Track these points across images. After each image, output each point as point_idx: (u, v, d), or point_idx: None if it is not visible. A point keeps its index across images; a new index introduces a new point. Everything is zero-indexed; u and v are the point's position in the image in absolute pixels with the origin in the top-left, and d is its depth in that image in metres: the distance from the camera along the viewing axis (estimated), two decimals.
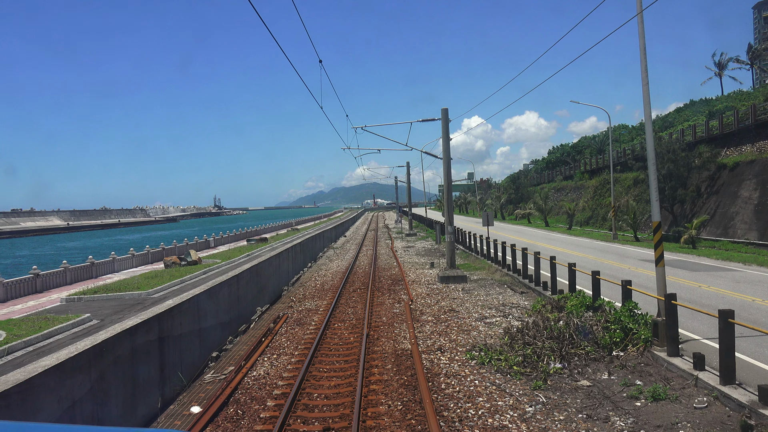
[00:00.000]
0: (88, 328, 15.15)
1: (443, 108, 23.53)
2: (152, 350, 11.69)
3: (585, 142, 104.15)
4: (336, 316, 17.79)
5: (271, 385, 11.08)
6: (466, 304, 18.66)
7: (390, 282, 24.70)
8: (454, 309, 17.80)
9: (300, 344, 14.31)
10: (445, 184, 23.78)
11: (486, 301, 19.04)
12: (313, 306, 19.94)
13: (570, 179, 73.05)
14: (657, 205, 11.66)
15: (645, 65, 11.53)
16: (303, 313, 18.75)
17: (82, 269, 37.64)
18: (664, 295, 11.22)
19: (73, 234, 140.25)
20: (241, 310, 18.67)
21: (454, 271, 23.42)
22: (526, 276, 21.96)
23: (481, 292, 20.74)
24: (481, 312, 17.15)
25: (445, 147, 23.48)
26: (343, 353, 13.23)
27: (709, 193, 39.96)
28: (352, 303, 20.04)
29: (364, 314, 17.40)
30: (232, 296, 17.76)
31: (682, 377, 10.07)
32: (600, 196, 58.84)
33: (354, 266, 32.05)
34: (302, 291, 23.91)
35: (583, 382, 10.32)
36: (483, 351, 12.42)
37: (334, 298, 20.85)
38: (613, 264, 25.32)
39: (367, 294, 20.99)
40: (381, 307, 18.83)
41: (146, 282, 31.72)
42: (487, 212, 29.21)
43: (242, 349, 14.56)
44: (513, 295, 19.85)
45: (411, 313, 17.21)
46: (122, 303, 23.90)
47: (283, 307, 20.26)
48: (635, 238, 40.64)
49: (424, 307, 18.37)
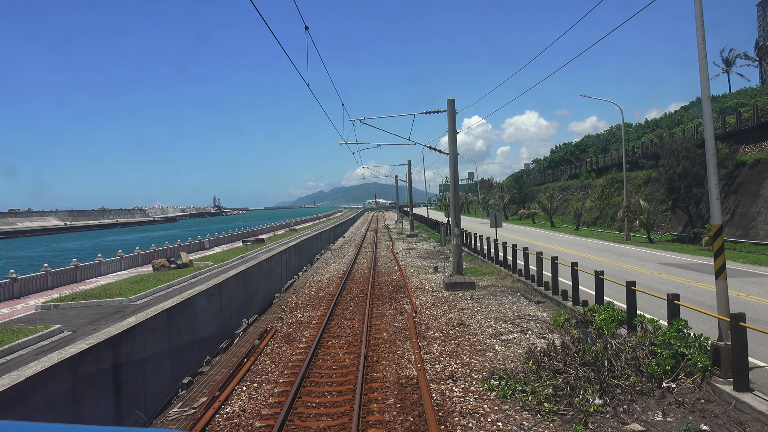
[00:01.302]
0: (58, 342, 13.08)
1: (449, 99, 21.45)
2: (103, 381, 9.63)
3: (588, 141, 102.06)
4: (330, 330, 15.72)
5: (246, 427, 9.00)
6: (477, 316, 16.59)
7: (391, 289, 22.62)
8: (464, 322, 15.72)
9: (286, 368, 12.24)
10: (452, 181, 21.70)
11: (499, 312, 16.97)
12: (305, 318, 17.86)
13: (575, 178, 70.95)
14: (717, 204, 9.57)
15: (702, 35, 9.46)
16: (293, 326, 16.68)
17: (66, 273, 35.54)
18: (728, 314, 9.17)
19: (70, 234, 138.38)
20: (224, 322, 16.61)
21: (462, 277, 21.35)
22: (541, 283, 19.91)
23: (492, 302, 18.68)
24: (495, 326, 15.08)
25: (452, 141, 21.40)
26: (336, 381, 11.17)
27: (726, 192, 37.85)
28: (348, 314, 17.97)
29: (362, 328, 15.34)
30: (214, 308, 15.70)
31: (760, 421, 8.02)
32: (608, 196, 56.76)
33: (352, 270, 29.97)
34: (295, 299, 21.84)
35: (633, 426, 8.25)
36: (503, 379, 10.36)
37: (329, 307, 18.80)
38: (632, 268, 23.27)
39: (366, 303, 18.94)
40: (381, 320, 16.76)
41: (129, 287, 29.65)
42: (495, 213, 27.14)
43: (220, 373, 12.50)
44: (528, 305, 17.79)
45: (415, 327, 15.14)
46: (100, 311, 22.23)
47: (273, 318, 18.19)
48: (648, 240, 38.58)
49: (430, 320, 16.29)
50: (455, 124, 21.56)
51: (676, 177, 37.48)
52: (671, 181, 37.93)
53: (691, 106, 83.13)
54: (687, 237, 38.87)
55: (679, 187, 37.39)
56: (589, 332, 12.68)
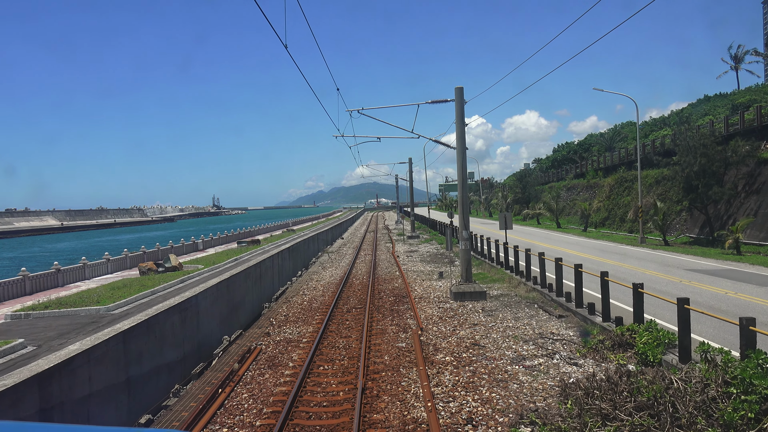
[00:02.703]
0: (17, 359, 10.89)
1: (457, 87, 19.27)
2: None
3: (592, 140, 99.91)
4: (322, 351, 13.54)
5: None
6: (493, 333, 14.40)
7: (392, 299, 20.44)
8: (479, 342, 13.54)
9: (267, 404, 10.06)
10: (460, 178, 19.52)
11: (517, 329, 14.79)
12: (295, 334, 15.65)
13: (581, 177, 68.71)
14: None
15: None
16: (281, 345, 14.48)
17: (46, 277, 33.29)
18: None
19: (67, 234, 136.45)
20: (201, 340, 14.41)
21: (471, 286, 19.17)
22: (561, 293, 17.74)
23: (508, 315, 16.50)
24: (515, 348, 12.90)
25: (460, 133, 19.22)
26: (327, 426, 8.98)
27: (747, 191, 35.68)
28: (344, 330, 15.79)
29: (359, 350, 13.17)
30: (188, 325, 13.52)
31: None
32: (616, 196, 54.56)
33: (350, 276, 27.79)
34: (286, 309, 19.66)
35: None
36: (536, 425, 8.21)
37: (322, 321, 16.64)
38: (657, 275, 21.10)
39: (365, 316, 16.77)
40: (382, 338, 14.59)
41: (110, 294, 27.45)
42: (505, 214, 24.93)
43: (188, 408, 10.31)
44: (549, 321, 15.61)
45: (422, 348, 12.95)
46: (74, 321, 20.47)
47: (259, 334, 16.01)
48: (664, 242, 36.39)
49: (439, 339, 14.10)
50: (464, 115, 19.38)
51: (693, 175, 35.29)
52: (688, 179, 35.74)
53: (698, 103, 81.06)
54: (704, 239, 36.70)
55: (697, 185, 35.19)
56: (629, 357, 10.52)
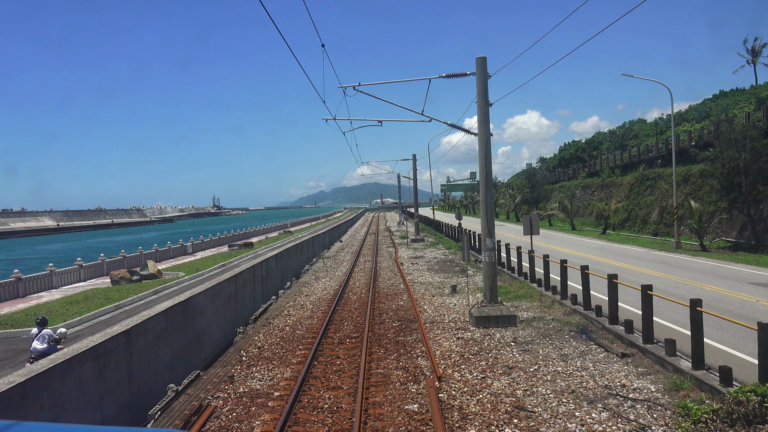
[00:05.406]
0: None
1: (479, 57, 15.16)
2: None
3: (601, 138, 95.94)
4: (299, 417, 9.42)
5: None
6: (539, 385, 10.26)
7: (397, 324, 16.29)
8: (523, 405, 9.38)
9: None
10: (482, 171, 15.38)
11: (570, 376, 10.65)
12: (266, 382, 11.48)
13: (596, 176, 64.54)
14: None
15: None
16: (243, 402, 10.34)
17: (5, 287, 29.33)
18: None
19: (63, 235, 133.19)
20: (131, 398, 10.25)
21: (497, 308, 15.05)
22: (616, 320, 13.65)
23: (551, 351, 12.38)
24: (579, 416, 8.77)
25: (483, 114, 15.09)
26: None
27: None
28: (333, 376, 11.64)
29: (352, 416, 9.09)
30: (109, 377, 9.39)
31: None
32: (637, 195, 50.38)
33: (345, 289, 23.64)
34: (262, 338, 15.54)
35: None
36: None
37: (305, 359, 12.55)
38: (722, 292, 17.02)
39: (362, 353, 12.66)
40: (384, 392, 10.46)
41: (64, 310, 23.37)
42: (530, 216, 20.76)
43: None
44: (610, 361, 11.48)
45: (442, 416, 8.84)
46: (9, 347, 17.11)
47: (221, 378, 11.91)
48: (701, 248, 32.20)
49: (465, 396, 9.95)
50: (487, 92, 15.26)
51: (737, 171, 31.13)
52: (730, 176, 31.57)
53: (715, 98, 77.01)
54: (746, 244, 32.53)
55: (740, 184, 31.03)
56: None
